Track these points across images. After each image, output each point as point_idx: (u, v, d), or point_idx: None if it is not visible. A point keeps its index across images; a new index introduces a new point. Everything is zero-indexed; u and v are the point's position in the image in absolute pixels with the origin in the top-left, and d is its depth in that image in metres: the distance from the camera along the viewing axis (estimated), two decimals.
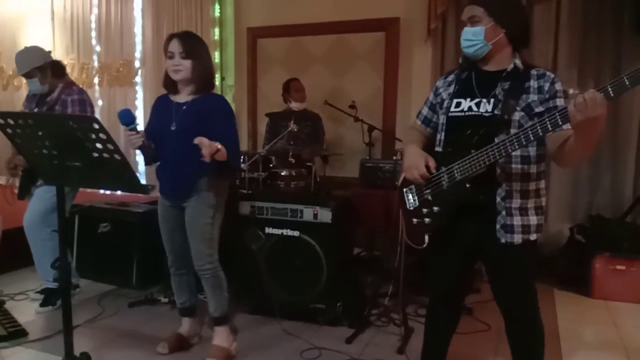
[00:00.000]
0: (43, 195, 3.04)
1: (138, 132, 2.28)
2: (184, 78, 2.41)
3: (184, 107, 2.43)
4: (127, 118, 2.25)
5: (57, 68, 3.11)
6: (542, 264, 3.60)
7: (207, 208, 2.45)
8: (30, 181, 3.14)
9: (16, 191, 3.20)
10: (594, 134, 1.57)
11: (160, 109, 2.53)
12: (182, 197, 2.45)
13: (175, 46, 2.38)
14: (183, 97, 2.47)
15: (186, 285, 2.66)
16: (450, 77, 2.01)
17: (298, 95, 4.14)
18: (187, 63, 2.38)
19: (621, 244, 3.46)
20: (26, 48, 3.17)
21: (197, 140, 2.21)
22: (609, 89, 1.46)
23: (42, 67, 3.02)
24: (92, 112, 3.20)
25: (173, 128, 2.40)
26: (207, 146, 2.21)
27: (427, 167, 1.89)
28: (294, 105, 4.13)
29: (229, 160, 2.35)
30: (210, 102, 2.45)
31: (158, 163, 2.52)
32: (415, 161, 1.91)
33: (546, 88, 1.78)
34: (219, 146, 2.26)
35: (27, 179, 3.13)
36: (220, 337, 2.57)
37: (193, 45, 2.42)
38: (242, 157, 3.11)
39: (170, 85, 2.50)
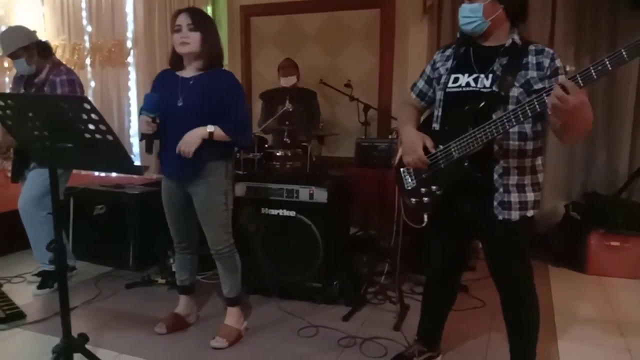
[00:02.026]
0: (36, 179, 3.02)
1: (156, 123, 2.27)
2: (191, 51, 2.31)
3: (191, 82, 2.33)
4: (153, 106, 2.25)
5: (43, 48, 3.05)
6: (537, 241, 3.63)
7: (219, 195, 2.40)
8: (23, 164, 3.11)
9: (9, 174, 3.18)
10: (579, 120, 1.60)
11: (164, 84, 2.40)
12: (188, 179, 2.39)
13: (182, 19, 2.30)
14: (189, 72, 2.37)
15: (189, 264, 2.66)
16: (448, 52, 1.99)
17: (283, 71, 4.11)
18: (195, 36, 2.29)
19: (616, 220, 3.49)
20: (10, 28, 3.12)
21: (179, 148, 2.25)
22: (606, 62, 1.46)
23: (28, 47, 2.96)
24: (82, 92, 3.16)
25: (180, 104, 2.30)
26: (186, 144, 2.24)
27: (425, 147, 1.88)
28: (282, 82, 4.10)
29: (234, 138, 2.31)
30: (217, 77, 2.35)
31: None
32: (412, 145, 1.90)
33: (546, 64, 1.76)
34: (210, 129, 2.24)
35: (20, 161, 3.10)
36: (233, 317, 2.57)
37: (201, 19, 2.35)
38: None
39: (176, 62, 2.41)
